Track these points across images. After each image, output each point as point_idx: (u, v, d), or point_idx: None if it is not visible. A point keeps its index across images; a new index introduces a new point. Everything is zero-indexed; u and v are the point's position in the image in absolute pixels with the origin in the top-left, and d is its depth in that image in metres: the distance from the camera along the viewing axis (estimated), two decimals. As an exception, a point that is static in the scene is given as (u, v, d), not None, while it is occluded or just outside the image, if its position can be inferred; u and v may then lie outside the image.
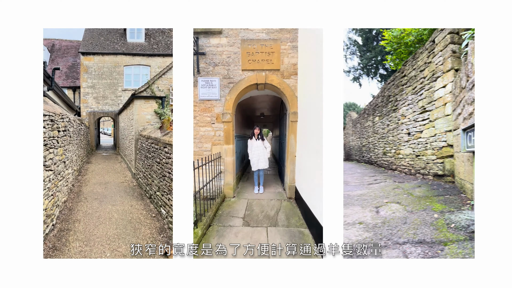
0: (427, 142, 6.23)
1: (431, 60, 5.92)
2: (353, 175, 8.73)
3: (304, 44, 6.16)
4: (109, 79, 18.58)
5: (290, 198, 7.13)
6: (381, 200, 4.60)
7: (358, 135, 15.70)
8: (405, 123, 7.66)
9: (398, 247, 2.75)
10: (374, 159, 11.64)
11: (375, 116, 11.52)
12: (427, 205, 3.94)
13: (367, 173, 8.97)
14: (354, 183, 6.84)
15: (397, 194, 4.89)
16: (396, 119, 8.52)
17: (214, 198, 6.46)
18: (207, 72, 7.06)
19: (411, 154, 7.21)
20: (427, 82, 6.16)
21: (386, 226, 3.30)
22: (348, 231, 3.33)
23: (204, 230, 4.82)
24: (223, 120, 7.16)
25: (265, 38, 6.94)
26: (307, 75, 5.78)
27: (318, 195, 4.41)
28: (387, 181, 6.61)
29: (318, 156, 4.53)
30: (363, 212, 4.02)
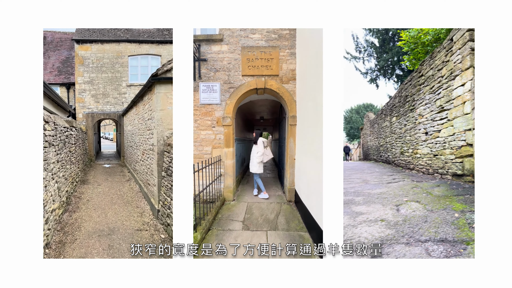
0: (445, 142, 6.12)
1: (449, 59, 5.81)
2: (372, 174, 8.63)
3: (303, 48, 6.18)
4: (110, 72, 15.22)
5: (290, 201, 7.11)
6: (400, 198, 4.54)
7: (375, 135, 15.64)
8: (423, 122, 7.54)
9: (420, 245, 2.72)
10: (391, 158, 11.49)
11: (392, 116, 11.37)
12: (447, 205, 3.87)
13: (385, 172, 8.86)
14: (373, 181, 6.77)
15: (416, 193, 4.81)
16: (413, 118, 8.40)
17: (214, 201, 6.41)
18: (208, 77, 7.22)
19: (428, 154, 7.09)
20: (445, 81, 6.05)
21: (407, 224, 3.26)
22: (371, 227, 3.30)
23: (204, 234, 4.77)
24: (223, 123, 7.27)
25: (264, 45, 7.15)
26: (306, 79, 5.78)
27: (317, 198, 4.40)
28: (405, 180, 6.51)
29: (317, 159, 4.52)
30: (384, 210, 3.98)
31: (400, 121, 10.10)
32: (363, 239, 2.99)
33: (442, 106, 6.19)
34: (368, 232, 3.16)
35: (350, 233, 3.20)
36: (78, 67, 15.10)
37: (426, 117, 7.29)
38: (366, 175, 8.46)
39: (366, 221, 3.54)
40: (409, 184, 5.82)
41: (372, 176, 8.04)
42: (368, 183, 6.64)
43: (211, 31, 7.33)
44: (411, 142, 8.62)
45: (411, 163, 8.66)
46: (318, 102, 4.46)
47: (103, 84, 15.28)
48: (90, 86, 15.23)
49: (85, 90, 15.25)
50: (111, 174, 11.96)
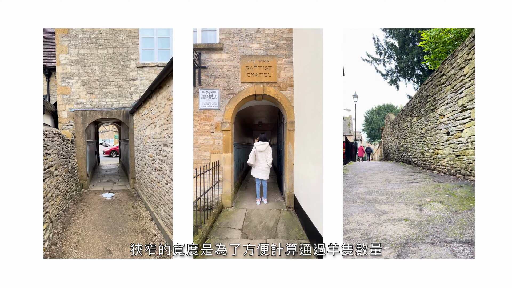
0: (468, 142, 5.91)
1: (472, 57, 5.61)
2: (393, 173, 8.46)
3: (300, 57, 6.15)
4: (111, 47, 10.02)
5: (289, 207, 6.96)
6: (423, 198, 4.42)
7: (396, 136, 15.44)
8: (444, 122, 7.33)
9: (446, 246, 2.62)
10: (412, 158, 11.25)
11: (412, 116, 11.13)
12: (471, 206, 3.72)
13: (406, 172, 8.66)
14: (395, 181, 6.62)
15: (439, 194, 4.67)
16: (434, 118, 8.18)
17: (212, 208, 6.21)
18: (208, 84, 7.21)
19: (450, 154, 6.88)
20: (467, 79, 5.85)
21: (431, 224, 3.16)
22: (395, 226, 3.22)
23: (200, 243, 4.48)
24: (222, 129, 7.21)
25: (262, 54, 7.22)
26: (303, 86, 5.74)
27: (317, 204, 4.32)
28: (426, 180, 6.34)
29: (316, 164, 4.44)
30: (407, 209, 3.87)
31: (420, 121, 9.87)
32: (388, 237, 2.92)
33: (465, 105, 5.98)
34: (393, 231, 3.08)
35: (375, 231, 3.13)
36: (61, 40, 9.88)
37: (447, 116, 7.08)
38: (388, 174, 8.30)
39: (390, 220, 3.46)
40: (431, 185, 5.66)
41: (393, 175, 7.88)
42: (390, 182, 6.51)
43: (212, 39, 7.36)
44: (432, 142, 8.39)
45: (432, 163, 8.43)
46: (316, 107, 4.44)
47: (100, 66, 10.06)
48: (79, 68, 9.99)
49: (72, 75, 10.00)
50: (116, 219, 7.08)
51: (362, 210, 4.02)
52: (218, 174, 7.05)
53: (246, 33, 7.17)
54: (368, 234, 3.07)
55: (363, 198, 4.82)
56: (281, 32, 7.18)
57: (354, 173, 9.48)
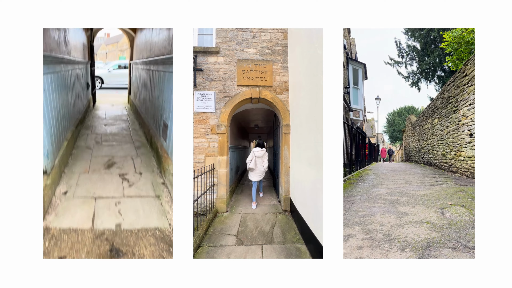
0: (492, 143, 5.64)
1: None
2: (414, 175, 8.21)
3: (296, 62, 6.06)
4: None
5: (285, 210, 6.79)
6: (444, 201, 4.22)
7: (417, 137, 15.08)
8: (467, 123, 7.02)
9: (468, 251, 2.46)
10: (433, 160, 10.88)
11: (434, 118, 10.77)
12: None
13: (427, 174, 8.38)
14: (416, 183, 6.40)
15: (461, 197, 4.46)
16: (456, 120, 7.86)
17: (206, 213, 6.00)
18: (203, 86, 7.05)
19: (473, 156, 6.58)
20: (492, 81, 5.59)
21: (453, 228, 2.99)
22: (416, 228, 3.08)
23: (193, 251, 4.23)
24: (217, 131, 7.01)
25: (259, 59, 7.12)
26: (299, 90, 5.65)
27: (313, 207, 4.19)
28: (448, 183, 6.09)
29: (312, 167, 4.30)
30: (428, 212, 3.70)
31: (442, 122, 9.52)
32: (410, 239, 2.78)
33: (489, 106, 5.71)
34: (414, 233, 2.94)
35: (397, 233, 3.00)
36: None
37: (470, 118, 6.78)
38: (409, 176, 8.06)
39: (411, 222, 3.32)
40: (452, 188, 5.42)
41: (414, 177, 7.64)
42: (411, 184, 6.30)
43: (208, 43, 7.28)
44: (454, 144, 8.07)
45: (453, 165, 8.11)
46: (311, 111, 4.34)
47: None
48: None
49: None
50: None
51: (384, 211, 3.89)
52: (213, 178, 6.83)
53: (243, 38, 7.09)
54: (389, 235, 2.95)
55: (385, 199, 4.68)
56: (277, 39, 7.11)
57: (376, 173, 9.29)
